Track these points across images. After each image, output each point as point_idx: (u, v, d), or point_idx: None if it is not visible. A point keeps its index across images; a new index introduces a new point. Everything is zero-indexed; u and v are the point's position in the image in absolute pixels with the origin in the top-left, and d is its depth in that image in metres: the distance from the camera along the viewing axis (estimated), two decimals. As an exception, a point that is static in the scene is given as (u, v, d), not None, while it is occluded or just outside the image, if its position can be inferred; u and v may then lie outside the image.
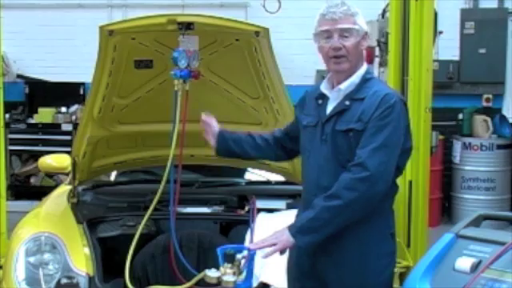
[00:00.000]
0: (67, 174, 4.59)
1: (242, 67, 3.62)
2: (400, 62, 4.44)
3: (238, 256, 2.62)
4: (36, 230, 3.60)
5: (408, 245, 4.35)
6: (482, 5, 8.17)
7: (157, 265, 3.68)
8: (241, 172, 4.72)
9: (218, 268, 2.61)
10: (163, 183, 3.19)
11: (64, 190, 4.32)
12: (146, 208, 3.39)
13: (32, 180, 8.54)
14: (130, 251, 3.20)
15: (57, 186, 5.20)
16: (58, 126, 8.41)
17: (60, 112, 8.54)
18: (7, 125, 7.07)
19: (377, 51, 7.21)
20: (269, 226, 3.27)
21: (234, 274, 2.59)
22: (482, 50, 7.79)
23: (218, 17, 3.35)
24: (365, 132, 2.63)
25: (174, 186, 3.27)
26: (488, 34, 7.77)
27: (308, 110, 2.87)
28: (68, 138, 8.10)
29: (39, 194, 5.98)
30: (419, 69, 4.32)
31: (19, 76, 8.83)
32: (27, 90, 8.70)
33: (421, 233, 4.40)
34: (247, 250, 2.64)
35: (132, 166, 4.51)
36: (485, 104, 7.99)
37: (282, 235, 2.64)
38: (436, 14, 5.39)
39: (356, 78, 2.74)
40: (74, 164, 4.08)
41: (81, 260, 3.42)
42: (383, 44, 6.74)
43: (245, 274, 2.62)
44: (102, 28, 3.33)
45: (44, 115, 8.48)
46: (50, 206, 4.14)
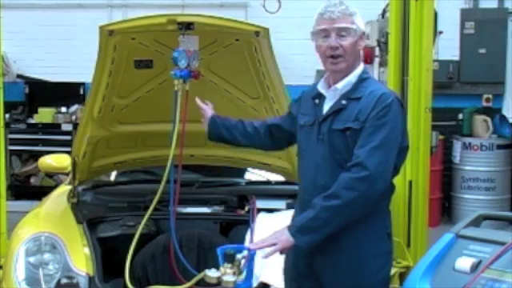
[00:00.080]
0: (67, 174, 4.59)
1: (242, 67, 3.62)
2: (400, 61, 4.43)
3: (238, 256, 2.62)
4: (36, 229, 3.60)
5: (408, 245, 4.34)
6: (482, 5, 8.17)
7: (157, 265, 3.68)
8: (241, 172, 4.72)
9: (218, 268, 2.61)
10: (163, 183, 3.19)
11: (64, 189, 4.32)
12: (146, 208, 3.39)
13: (32, 180, 8.54)
14: (130, 251, 3.20)
15: (57, 186, 5.20)
16: (58, 125, 8.40)
17: (60, 112, 8.53)
18: (7, 125, 7.07)
19: (377, 51, 7.21)
20: (269, 226, 3.27)
21: (234, 274, 2.59)
22: (482, 50, 7.78)
23: (218, 17, 3.35)
24: (362, 131, 2.64)
25: (174, 186, 3.27)
26: (488, 34, 7.76)
27: (305, 110, 2.87)
28: (68, 138, 8.09)
29: (39, 193, 5.99)
30: (419, 69, 4.31)
31: (19, 76, 8.83)
32: (27, 90, 8.69)
33: (421, 233, 4.39)
34: (247, 250, 2.64)
35: (132, 166, 4.50)
36: (485, 104, 7.98)
37: (281, 235, 2.64)
38: (436, 14, 5.39)
39: (353, 78, 2.75)
40: (74, 164, 4.09)
41: (81, 260, 3.42)
42: (383, 44, 6.74)
43: (245, 274, 2.62)
44: (101, 28, 3.33)
45: (44, 115, 8.47)
46: (50, 206, 4.14)
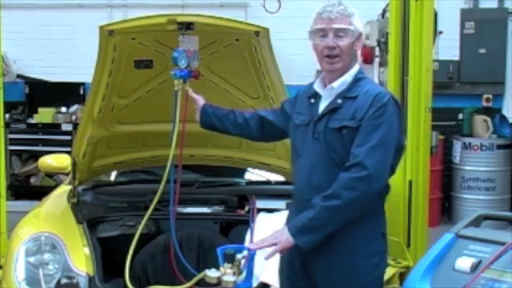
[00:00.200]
0: (67, 174, 4.58)
1: (242, 67, 3.62)
2: (400, 61, 4.42)
3: (238, 256, 2.62)
4: (36, 229, 3.60)
5: (408, 245, 4.33)
6: (482, 5, 8.16)
7: (157, 265, 3.68)
8: (241, 172, 4.72)
9: (218, 268, 2.62)
10: (163, 183, 3.19)
11: (64, 189, 4.32)
12: (146, 208, 3.38)
13: (32, 180, 8.54)
14: (130, 251, 3.19)
15: (57, 186, 5.20)
16: (58, 126, 8.40)
17: (60, 112, 8.54)
18: (7, 125, 7.07)
19: (377, 51, 7.21)
20: (269, 226, 3.28)
21: (234, 274, 2.59)
22: (482, 50, 7.78)
23: (218, 17, 3.35)
24: (359, 131, 2.65)
25: (174, 185, 3.26)
26: (488, 34, 7.76)
27: (300, 109, 2.88)
28: (68, 138, 8.10)
29: (39, 193, 5.98)
30: (419, 69, 4.30)
31: (19, 76, 8.83)
32: (27, 90, 8.70)
33: (421, 233, 4.38)
34: (247, 250, 2.65)
35: (132, 166, 4.50)
36: (485, 104, 7.98)
37: (281, 235, 2.64)
38: (436, 14, 5.39)
39: (348, 77, 2.76)
40: (74, 164, 4.08)
41: (81, 260, 3.42)
42: (383, 44, 6.74)
43: (245, 274, 2.62)
44: (101, 28, 3.33)
45: (44, 115, 8.48)
46: (50, 206, 4.14)
